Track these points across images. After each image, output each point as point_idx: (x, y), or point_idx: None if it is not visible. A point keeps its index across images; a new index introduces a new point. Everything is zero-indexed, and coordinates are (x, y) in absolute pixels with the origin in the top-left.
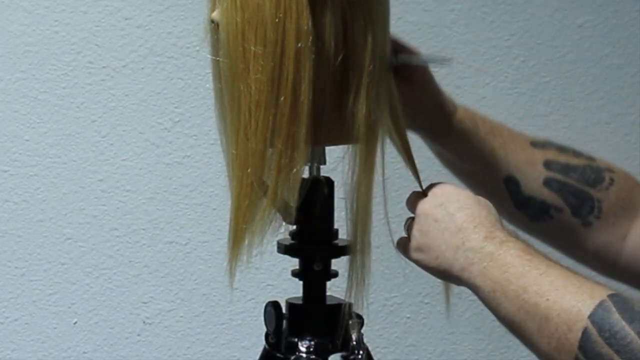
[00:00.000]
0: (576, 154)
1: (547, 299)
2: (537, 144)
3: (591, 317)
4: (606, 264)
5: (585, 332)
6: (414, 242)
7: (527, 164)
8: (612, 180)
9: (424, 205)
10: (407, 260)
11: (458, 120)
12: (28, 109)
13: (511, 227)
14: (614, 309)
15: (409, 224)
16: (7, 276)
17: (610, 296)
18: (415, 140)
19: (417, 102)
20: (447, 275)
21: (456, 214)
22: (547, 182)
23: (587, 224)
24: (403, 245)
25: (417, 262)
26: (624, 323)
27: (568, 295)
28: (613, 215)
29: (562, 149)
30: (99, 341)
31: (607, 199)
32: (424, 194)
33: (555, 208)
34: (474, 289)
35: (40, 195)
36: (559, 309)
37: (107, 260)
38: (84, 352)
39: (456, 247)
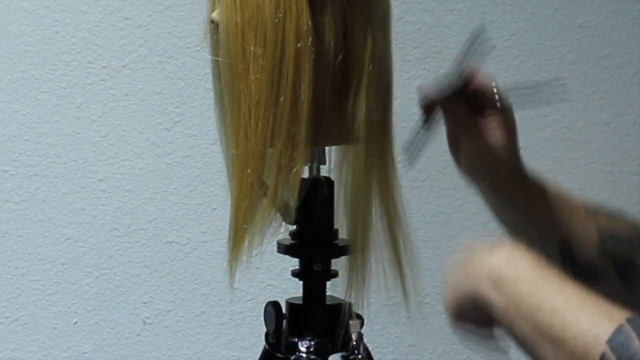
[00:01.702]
0: (623, 220)
1: (563, 320)
2: (590, 212)
3: (610, 342)
4: None
5: (602, 358)
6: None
7: (583, 232)
8: None
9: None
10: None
11: (530, 185)
12: (28, 109)
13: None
14: (633, 335)
15: None
16: (7, 276)
17: (630, 320)
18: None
19: (495, 154)
20: (467, 303)
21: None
22: (601, 252)
23: (633, 291)
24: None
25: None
26: None
27: (584, 317)
28: None
29: (611, 216)
30: (99, 341)
31: None
32: None
33: (605, 277)
34: (490, 307)
35: (40, 195)
36: (575, 331)
37: (107, 260)
38: (84, 352)
39: (465, 272)
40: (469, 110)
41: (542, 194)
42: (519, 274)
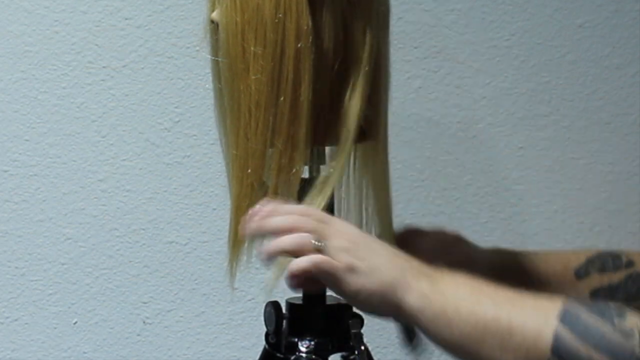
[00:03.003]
0: (615, 265)
1: (508, 312)
2: (580, 274)
3: (560, 318)
4: None
5: (556, 335)
6: (346, 266)
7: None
8: None
9: (349, 232)
10: None
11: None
12: (28, 109)
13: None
14: (581, 308)
15: (321, 252)
16: (7, 276)
17: (570, 299)
18: (414, 139)
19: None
20: (386, 300)
21: (382, 250)
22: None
23: None
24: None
25: (353, 287)
26: (596, 317)
27: (528, 306)
28: None
29: (602, 268)
30: (99, 341)
31: None
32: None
33: None
34: (416, 313)
35: (40, 195)
36: (522, 319)
37: (107, 260)
38: (84, 352)
39: (402, 269)
40: None
41: (524, 277)
42: (459, 281)
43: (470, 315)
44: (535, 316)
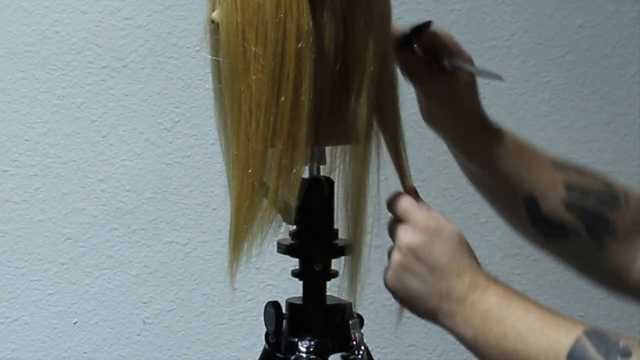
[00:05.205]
0: (594, 176)
1: (526, 345)
2: (558, 166)
3: (569, 357)
4: (618, 283)
5: None
6: (395, 277)
7: (549, 185)
8: (628, 202)
9: (407, 238)
10: None
11: (489, 134)
12: (28, 109)
13: (487, 270)
14: (589, 345)
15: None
16: (7, 276)
17: (586, 332)
18: (413, 139)
19: (455, 105)
20: (428, 318)
21: (440, 258)
22: (567, 205)
23: (602, 246)
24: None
25: (400, 303)
26: (601, 357)
27: (544, 338)
28: (627, 237)
29: (581, 171)
30: (99, 341)
31: (622, 221)
32: (402, 219)
33: (572, 230)
34: (457, 335)
35: (40, 195)
36: (537, 351)
37: (107, 260)
38: (84, 352)
39: (440, 295)
40: (428, 64)
41: (505, 145)
42: (487, 309)
43: (496, 346)
44: (548, 350)
